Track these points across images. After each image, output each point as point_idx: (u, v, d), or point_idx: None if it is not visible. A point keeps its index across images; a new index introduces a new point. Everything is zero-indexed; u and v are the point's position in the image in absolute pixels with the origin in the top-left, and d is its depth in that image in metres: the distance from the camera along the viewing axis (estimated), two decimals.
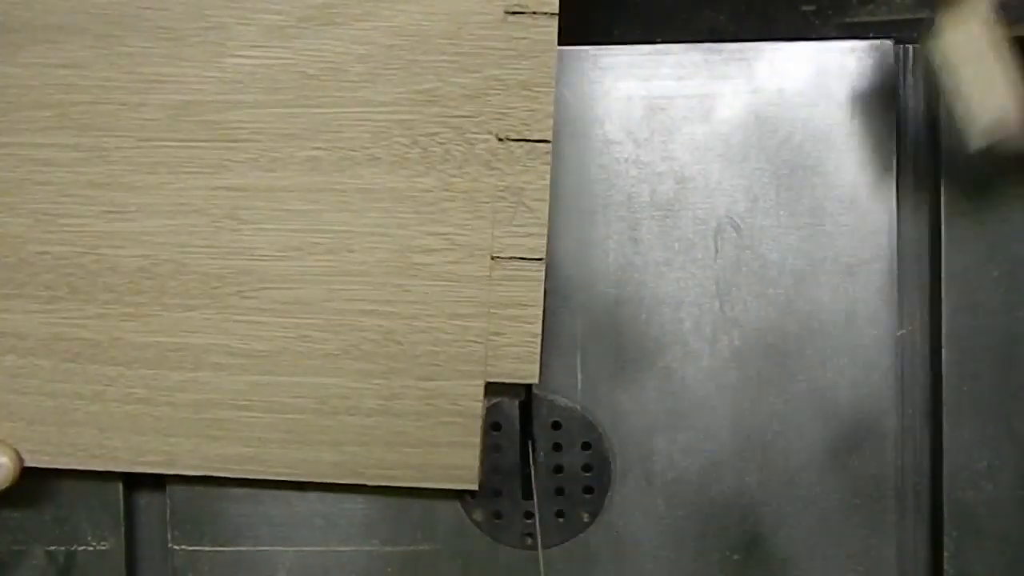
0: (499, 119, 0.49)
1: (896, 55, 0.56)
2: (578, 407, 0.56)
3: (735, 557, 0.56)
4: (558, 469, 0.56)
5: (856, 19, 0.58)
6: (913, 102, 0.57)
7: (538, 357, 0.51)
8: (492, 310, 0.50)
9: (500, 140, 0.49)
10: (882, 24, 0.58)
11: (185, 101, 0.49)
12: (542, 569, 0.54)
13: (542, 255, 0.50)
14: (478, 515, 0.56)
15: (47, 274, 0.50)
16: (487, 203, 0.49)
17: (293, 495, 0.55)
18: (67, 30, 0.49)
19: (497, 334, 0.50)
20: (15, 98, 0.49)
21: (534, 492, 0.55)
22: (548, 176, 0.49)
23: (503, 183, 0.49)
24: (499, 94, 0.49)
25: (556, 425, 0.56)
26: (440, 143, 0.49)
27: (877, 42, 0.55)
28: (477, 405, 0.51)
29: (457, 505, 0.56)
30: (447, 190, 0.49)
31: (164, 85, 0.49)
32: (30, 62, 0.49)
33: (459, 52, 0.48)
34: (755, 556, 0.56)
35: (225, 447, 0.52)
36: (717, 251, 0.56)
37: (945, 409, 0.55)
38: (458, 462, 0.52)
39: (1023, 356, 0.55)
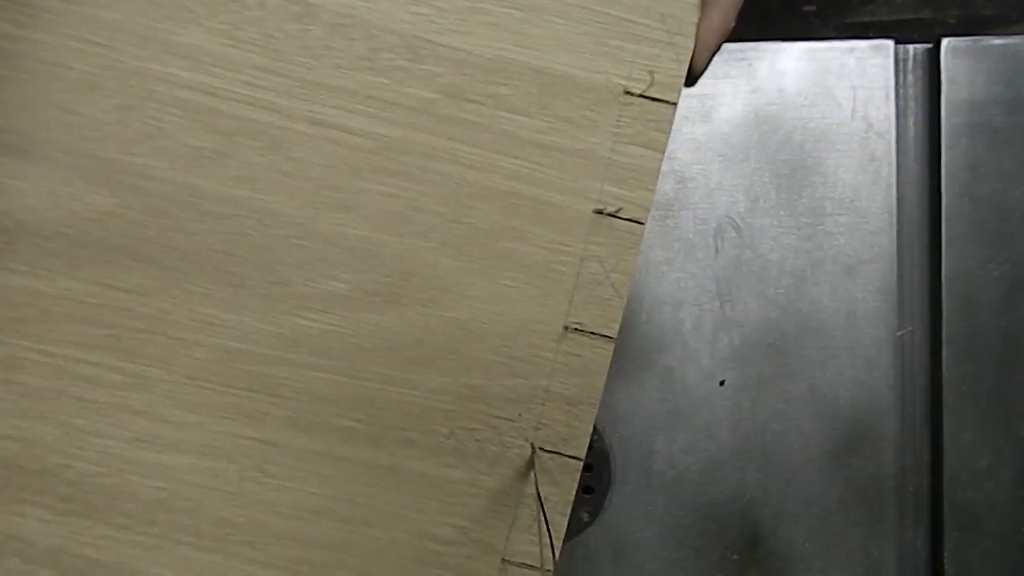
0: (538, 429, 0.50)
1: (896, 55, 0.56)
2: None
3: (735, 557, 0.56)
4: None
5: (856, 19, 0.58)
6: (913, 102, 0.57)
7: None
8: None
9: (534, 449, 0.50)
10: (882, 24, 0.58)
11: (238, 349, 0.50)
12: (542, 569, 0.54)
13: (551, 568, 0.51)
14: None
15: (66, 488, 0.51)
16: (509, 507, 0.50)
17: None
18: (134, 256, 0.49)
19: None
20: (69, 310, 0.50)
21: (535, 491, 0.55)
22: (573, 494, 0.50)
23: (530, 490, 0.50)
24: (543, 405, 0.50)
25: None
26: (477, 440, 0.50)
27: (877, 42, 0.55)
28: None
29: None
30: (474, 486, 0.50)
31: (220, 329, 0.50)
32: (91, 279, 0.50)
33: (513, 356, 0.49)
34: (755, 556, 0.56)
35: None
36: (717, 251, 0.56)
37: (945, 409, 0.55)
38: None
39: (1023, 356, 0.55)
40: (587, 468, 0.56)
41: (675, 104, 0.50)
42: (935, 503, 0.56)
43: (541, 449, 0.51)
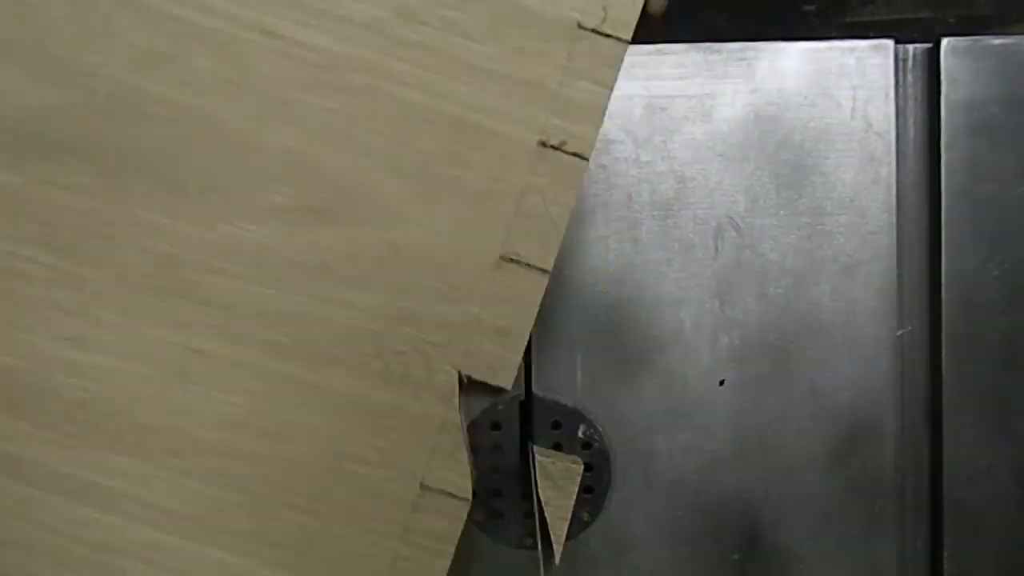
0: (466, 356, 0.49)
1: (896, 55, 0.56)
2: (578, 407, 0.56)
3: (735, 557, 0.56)
4: None
5: (856, 19, 0.58)
6: (913, 102, 0.57)
7: None
8: (407, 535, 0.50)
9: (461, 378, 0.50)
10: (882, 24, 0.58)
11: (171, 254, 0.49)
12: (542, 569, 0.54)
13: (468, 497, 0.50)
14: (478, 515, 0.56)
15: None
16: (432, 432, 0.50)
17: None
18: (76, 153, 0.49)
19: (407, 559, 0.50)
20: (6, 204, 0.49)
21: (535, 492, 0.55)
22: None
23: (452, 419, 0.50)
24: (473, 333, 0.49)
25: (556, 425, 0.56)
26: (403, 363, 0.49)
27: (877, 42, 0.55)
28: None
29: None
30: (398, 409, 0.50)
31: (154, 233, 0.49)
32: (30, 173, 0.49)
33: (446, 282, 0.49)
34: (755, 556, 0.56)
35: None
36: (717, 251, 0.56)
37: (945, 409, 0.55)
38: None
39: (1023, 356, 0.55)
40: (587, 468, 0.56)
41: (627, 41, 0.49)
42: (935, 503, 0.56)
43: (469, 378, 0.49)
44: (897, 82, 0.56)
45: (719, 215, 0.56)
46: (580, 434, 0.56)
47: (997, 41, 0.55)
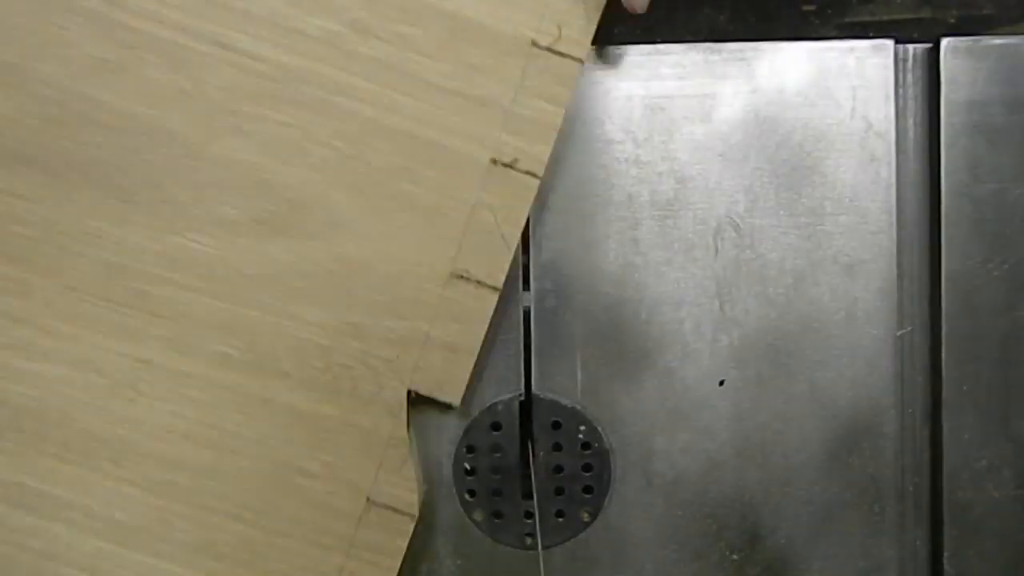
0: (415, 372, 0.49)
1: (896, 55, 0.56)
2: (578, 407, 0.56)
3: (735, 557, 0.56)
4: (558, 469, 0.56)
5: (856, 19, 0.58)
6: (913, 102, 0.57)
7: None
8: (353, 549, 0.50)
9: (409, 393, 0.50)
10: (882, 24, 0.58)
11: (121, 264, 0.49)
12: (542, 569, 0.54)
13: (415, 513, 0.50)
14: (478, 515, 0.56)
15: None
16: (379, 448, 0.50)
17: None
18: (25, 160, 0.49)
19: (352, 573, 0.51)
20: None
21: (534, 492, 0.55)
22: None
23: (399, 434, 0.50)
24: (422, 348, 0.49)
25: (556, 425, 0.56)
26: (352, 378, 0.50)
27: (877, 42, 0.55)
28: None
29: (457, 505, 0.56)
30: (345, 423, 0.50)
31: (104, 243, 0.49)
32: None
33: (396, 297, 0.49)
34: (755, 556, 0.56)
35: None
36: (717, 251, 0.56)
37: (945, 409, 0.55)
38: None
39: (1023, 356, 0.55)
40: (587, 468, 0.56)
41: (581, 61, 0.49)
42: (935, 503, 0.56)
43: (416, 393, 0.50)
44: (897, 82, 0.56)
45: (719, 215, 0.56)
46: (580, 434, 0.56)
47: (997, 41, 0.55)
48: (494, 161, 0.48)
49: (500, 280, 0.49)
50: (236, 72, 0.49)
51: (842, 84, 0.55)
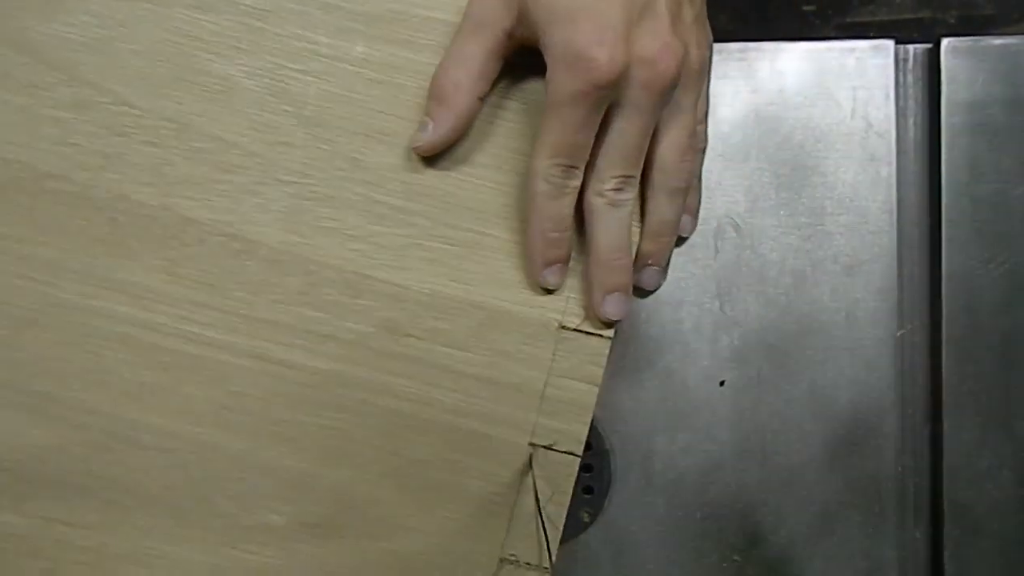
0: None
1: (896, 55, 0.56)
2: None
3: (735, 557, 0.56)
4: None
5: (856, 19, 0.58)
6: (913, 102, 0.57)
7: None
8: None
9: None
10: (882, 24, 0.58)
11: None
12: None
13: None
14: None
15: None
16: None
17: None
18: (77, 490, 0.49)
19: None
20: (11, 545, 0.49)
21: (535, 492, 0.55)
22: None
23: None
24: None
25: None
26: None
27: (877, 42, 0.55)
28: None
29: None
30: None
31: (161, 561, 0.49)
32: (33, 514, 0.49)
33: None
34: (755, 556, 0.56)
35: None
36: (717, 251, 0.56)
37: (945, 409, 0.55)
38: None
39: (1023, 356, 0.55)
40: (587, 468, 0.56)
41: (611, 339, 0.50)
42: (935, 503, 0.56)
43: None
44: (897, 82, 0.56)
45: (719, 215, 0.56)
46: None
47: (997, 41, 0.55)
48: (533, 445, 0.49)
49: (549, 563, 0.50)
50: (273, 381, 0.49)
51: (842, 84, 0.55)
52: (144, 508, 0.49)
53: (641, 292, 0.53)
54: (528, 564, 0.50)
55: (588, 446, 0.56)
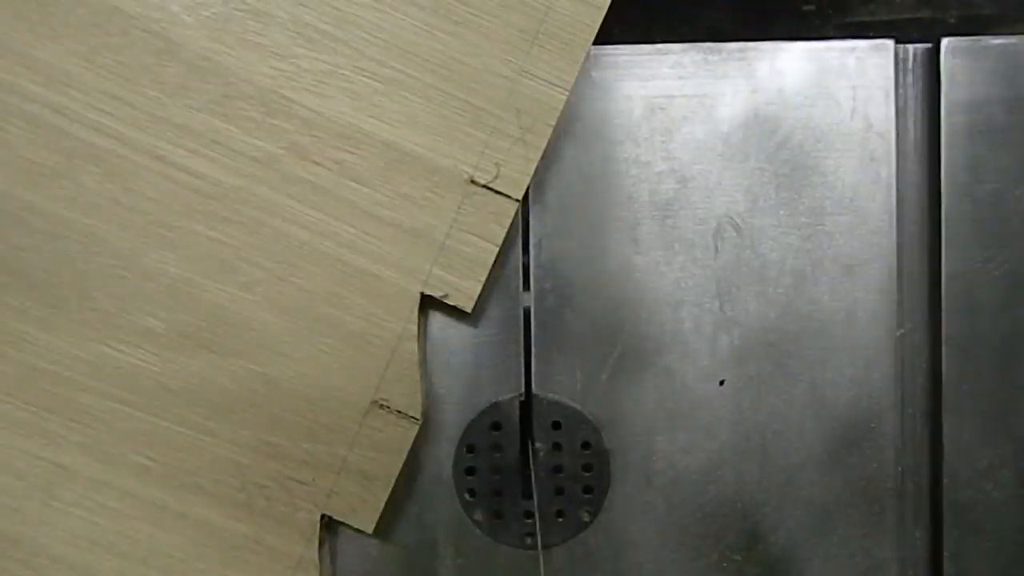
0: (329, 496, 0.50)
1: (896, 55, 0.56)
2: (578, 407, 0.56)
3: (735, 557, 0.56)
4: (558, 469, 0.56)
5: (856, 19, 0.58)
6: (913, 102, 0.57)
7: None
8: None
9: (323, 518, 0.50)
10: (882, 24, 0.58)
11: (44, 369, 0.49)
12: (542, 569, 0.54)
13: None
14: (478, 515, 0.56)
15: None
16: (289, 568, 0.50)
17: None
18: None
19: None
20: None
21: (534, 492, 0.55)
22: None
23: (310, 556, 0.50)
24: (338, 473, 0.50)
25: (556, 425, 0.56)
26: (267, 497, 0.50)
27: (877, 42, 0.55)
28: None
29: (457, 505, 0.56)
30: (257, 542, 0.50)
31: (29, 346, 0.49)
32: None
33: (316, 421, 0.49)
34: (755, 556, 0.56)
35: None
36: (717, 251, 0.56)
37: (945, 409, 0.55)
38: None
39: (1023, 356, 0.55)
40: (587, 468, 0.56)
41: (519, 201, 0.49)
42: (935, 503, 0.56)
43: (329, 519, 0.50)
44: (897, 82, 0.56)
45: (719, 215, 0.56)
46: (580, 434, 0.56)
47: (997, 41, 0.55)
48: (423, 295, 0.49)
49: (419, 411, 0.49)
50: (171, 185, 0.49)
51: (842, 84, 0.55)
52: (21, 290, 0.49)
53: None
54: (399, 412, 0.50)
55: (588, 445, 0.56)
